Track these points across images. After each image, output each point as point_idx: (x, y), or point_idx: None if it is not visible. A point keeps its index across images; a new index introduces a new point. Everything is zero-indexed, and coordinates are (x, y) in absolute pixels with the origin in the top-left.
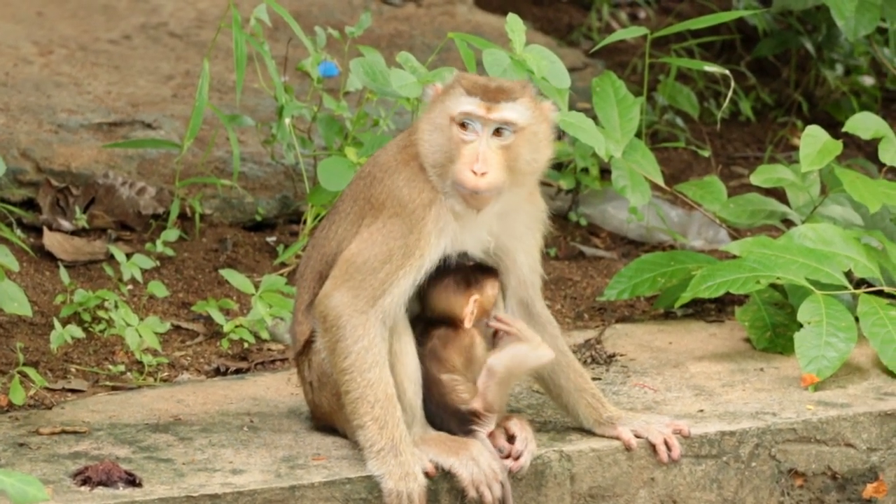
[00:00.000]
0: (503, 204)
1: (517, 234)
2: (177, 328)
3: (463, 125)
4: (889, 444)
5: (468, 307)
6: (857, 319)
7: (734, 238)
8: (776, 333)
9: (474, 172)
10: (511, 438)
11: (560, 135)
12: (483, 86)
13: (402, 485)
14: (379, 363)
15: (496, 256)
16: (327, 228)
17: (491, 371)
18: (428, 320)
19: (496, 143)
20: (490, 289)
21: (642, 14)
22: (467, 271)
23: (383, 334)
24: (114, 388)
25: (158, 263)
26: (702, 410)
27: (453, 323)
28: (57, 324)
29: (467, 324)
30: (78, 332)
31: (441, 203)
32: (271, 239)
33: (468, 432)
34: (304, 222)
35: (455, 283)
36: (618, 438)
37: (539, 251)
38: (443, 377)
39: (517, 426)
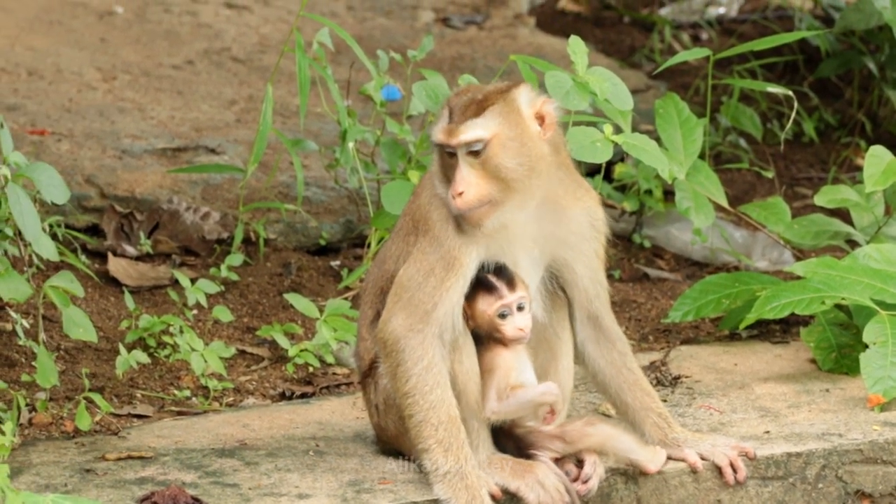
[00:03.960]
0: (522, 210)
1: (570, 242)
2: (242, 353)
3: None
4: None
5: None
6: None
7: (798, 259)
8: (842, 354)
9: (453, 195)
10: (579, 462)
11: (623, 157)
12: (460, 104)
13: None
14: (440, 384)
15: (556, 270)
16: (387, 245)
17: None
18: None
19: (472, 161)
20: (482, 304)
21: (704, 35)
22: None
23: (443, 353)
24: (179, 413)
25: (223, 288)
26: (768, 432)
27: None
28: (122, 349)
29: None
30: (143, 358)
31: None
32: (335, 263)
33: (527, 455)
34: (368, 246)
35: None
36: (683, 460)
37: (601, 262)
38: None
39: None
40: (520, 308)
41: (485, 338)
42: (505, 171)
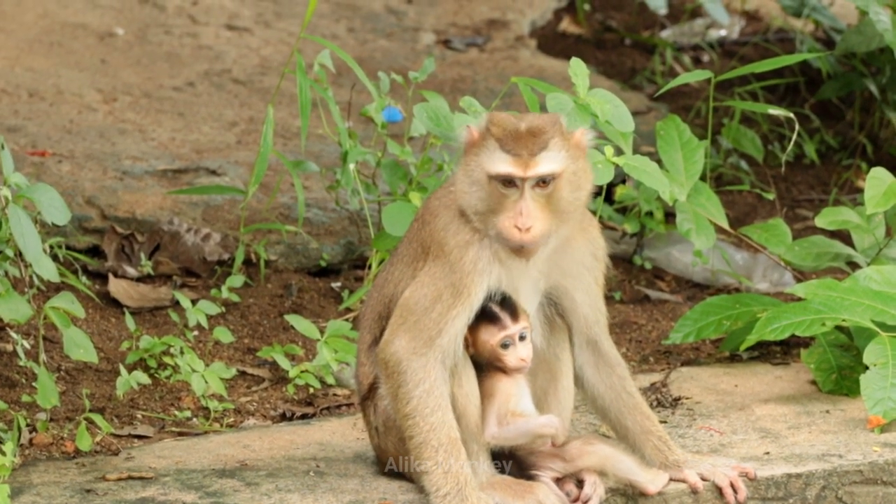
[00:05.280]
0: (551, 244)
1: (572, 272)
2: (242, 374)
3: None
4: None
5: None
6: None
7: (799, 280)
8: (842, 375)
9: (519, 228)
10: (579, 483)
11: (624, 178)
12: (514, 135)
13: None
14: (441, 406)
15: (555, 297)
16: (387, 270)
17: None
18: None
19: (538, 193)
20: (485, 334)
21: (706, 57)
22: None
23: (444, 376)
24: (180, 434)
25: (224, 309)
26: (768, 453)
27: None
28: (123, 370)
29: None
30: (144, 379)
31: (479, 245)
32: (336, 284)
33: (528, 476)
34: (369, 267)
35: None
36: (684, 481)
37: (600, 288)
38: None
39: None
40: (521, 338)
41: (484, 364)
42: (565, 204)
